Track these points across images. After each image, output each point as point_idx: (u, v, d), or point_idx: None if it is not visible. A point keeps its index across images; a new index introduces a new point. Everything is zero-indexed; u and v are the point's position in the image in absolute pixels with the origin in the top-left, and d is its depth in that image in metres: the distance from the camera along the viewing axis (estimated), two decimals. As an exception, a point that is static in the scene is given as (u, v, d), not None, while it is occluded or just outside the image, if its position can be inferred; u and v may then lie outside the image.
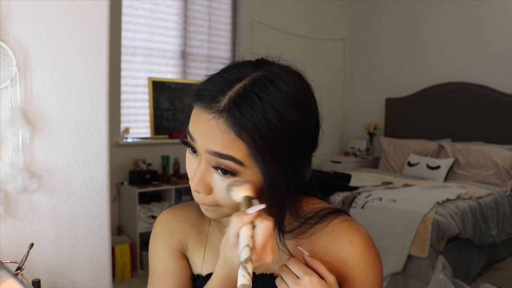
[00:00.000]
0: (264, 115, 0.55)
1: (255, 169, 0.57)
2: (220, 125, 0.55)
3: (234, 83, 0.57)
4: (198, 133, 0.58)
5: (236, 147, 0.55)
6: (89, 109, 1.37)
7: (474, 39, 3.90)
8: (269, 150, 0.55)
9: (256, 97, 0.55)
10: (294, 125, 0.57)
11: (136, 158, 3.26)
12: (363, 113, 4.82)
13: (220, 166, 0.57)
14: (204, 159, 0.58)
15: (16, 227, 1.25)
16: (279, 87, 0.57)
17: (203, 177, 0.59)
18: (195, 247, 0.73)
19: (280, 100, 0.56)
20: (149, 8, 3.43)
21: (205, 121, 0.57)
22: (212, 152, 0.56)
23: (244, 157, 0.56)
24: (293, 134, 0.57)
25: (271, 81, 0.57)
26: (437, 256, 2.48)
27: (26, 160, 1.26)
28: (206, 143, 0.57)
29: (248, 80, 0.57)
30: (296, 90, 0.58)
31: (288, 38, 4.31)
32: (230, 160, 0.56)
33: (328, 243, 0.66)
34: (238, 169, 0.56)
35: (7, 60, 1.20)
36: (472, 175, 3.54)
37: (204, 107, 0.57)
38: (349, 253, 0.65)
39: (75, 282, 1.37)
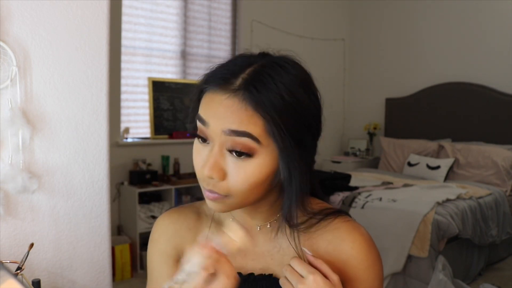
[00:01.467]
0: (278, 92, 0.56)
1: (270, 148, 0.58)
2: (236, 103, 0.56)
3: (245, 67, 0.59)
4: (212, 115, 0.57)
5: (253, 123, 0.56)
6: (89, 109, 1.37)
7: (474, 39, 3.90)
8: (284, 125, 0.56)
9: (269, 77, 0.57)
10: (304, 104, 0.59)
11: (136, 158, 3.26)
12: (363, 113, 4.82)
13: (236, 147, 0.56)
14: (218, 144, 0.58)
15: (16, 227, 1.25)
16: (287, 70, 0.59)
17: (217, 161, 0.58)
18: None
19: (291, 80, 0.58)
20: (149, 8, 3.43)
21: (220, 101, 0.57)
22: (229, 131, 0.56)
23: (261, 133, 0.56)
24: (304, 113, 0.59)
25: (280, 64, 0.59)
26: (437, 256, 2.48)
27: (26, 160, 1.26)
28: (221, 124, 0.56)
29: (258, 64, 0.59)
30: (302, 73, 0.62)
31: (288, 38, 4.31)
32: (247, 137, 0.56)
33: (329, 243, 0.66)
34: (255, 147, 0.56)
35: (7, 60, 1.20)
36: (472, 175, 3.54)
37: (219, 88, 0.58)
38: (351, 253, 0.65)
39: (75, 282, 1.37)
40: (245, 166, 0.57)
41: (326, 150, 4.82)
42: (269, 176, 0.59)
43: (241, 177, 0.57)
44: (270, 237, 0.69)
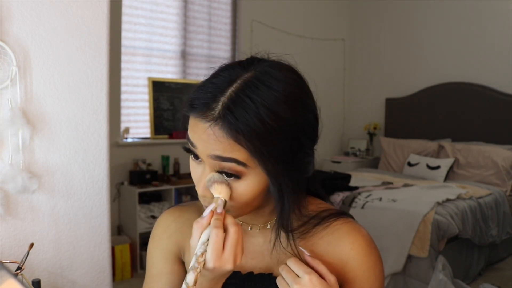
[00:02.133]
0: (258, 116, 0.54)
1: (259, 168, 0.57)
2: (217, 133, 0.55)
3: (226, 87, 0.56)
4: (198, 140, 0.58)
5: (237, 150, 0.55)
6: (89, 109, 1.37)
7: (474, 39, 3.90)
8: (268, 151, 0.55)
9: (249, 99, 0.55)
10: (290, 122, 0.57)
11: (136, 158, 3.26)
12: (363, 113, 4.82)
13: (224, 169, 0.57)
14: (208, 165, 0.58)
15: (16, 227, 1.25)
16: (270, 86, 0.56)
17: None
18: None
19: (273, 99, 0.56)
20: (149, 8, 3.43)
21: (203, 130, 0.57)
22: (214, 156, 0.56)
23: (246, 158, 0.56)
24: (290, 131, 0.57)
25: (262, 81, 0.57)
26: (437, 256, 2.48)
27: (26, 160, 1.26)
28: (207, 149, 0.57)
29: (239, 82, 0.56)
30: (288, 87, 0.58)
31: (288, 38, 4.31)
32: (233, 162, 0.56)
33: (329, 244, 0.66)
34: (242, 170, 0.57)
35: (7, 60, 1.20)
36: (472, 175, 3.54)
37: (199, 116, 0.57)
38: (350, 254, 0.65)
39: (75, 282, 1.37)
40: (236, 187, 0.58)
41: (326, 150, 4.82)
42: (261, 192, 0.60)
43: (233, 196, 0.58)
44: (269, 237, 0.69)
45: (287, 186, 0.59)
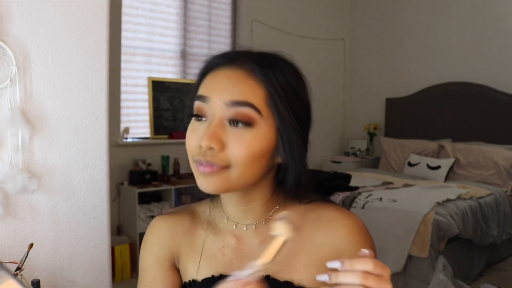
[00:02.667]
0: (281, 71, 0.61)
1: (270, 121, 0.60)
2: (240, 75, 0.60)
3: (249, 51, 0.64)
4: (215, 90, 0.60)
5: (255, 93, 0.59)
6: (89, 109, 1.37)
7: (474, 39, 3.90)
8: (285, 98, 0.60)
9: (273, 58, 0.63)
10: (301, 89, 0.64)
11: (136, 158, 3.26)
12: (363, 113, 4.82)
13: (237, 117, 0.58)
14: (218, 116, 0.59)
15: (16, 227, 1.25)
16: (286, 59, 0.65)
17: (216, 131, 0.59)
18: (189, 254, 0.71)
19: (290, 67, 0.64)
20: (149, 8, 3.42)
21: (224, 75, 0.61)
22: (230, 102, 0.58)
23: (262, 104, 0.59)
24: (301, 96, 0.64)
25: (279, 54, 0.65)
26: (437, 256, 2.47)
27: (26, 160, 1.25)
28: (223, 96, 0.59)
29: (260, 51, 0.65)
30: (297, 67, 0.66)
31: (288, 38, 4.31)
32: (249, 107, 0.58)
33: (325, 235, 0.67)
34: (255, 117, 0.59)
35: (6, 60, 1.20)
36: (472, 175, 3.54)
37: (223, 65, 0.62)
38: (347, 240, 0.66)
39: (74, 282, 1.37)
40: (245, 136, 0.59)
41: (326, 150, 4.82)
42: (268, 151, 0.61)
43: (241, 147, 0.58)
44: (265, 237, 0.68)
45: (296, 142, 0.62)
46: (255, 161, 0.60)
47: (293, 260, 0.66)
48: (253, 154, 0.59)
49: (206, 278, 0.68)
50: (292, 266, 0.66)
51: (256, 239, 0.68)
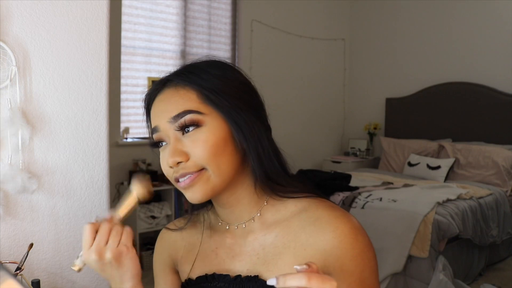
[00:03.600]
0: (203, 68, 0.66)
1: (214, 114, 0.63)
2: (169, 93, 0.65)
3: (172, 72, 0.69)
4: (157, 117, 0.66)
5: (188, 99, 0.63)
6: (89, 109, 1.37)
7: (474, 39, 3.90)
8: (216, 89, 0.64)
9: (192, 64, 0.68)
10: (228, 73, 0.67)
11: (136, 158, 3.26)
12: (363, 113, 4.82)
13: (184, 125, 0.63)
14: (171, 135, 0.64)
15: (16, 227, 1.25)
16: (207, 60, 0.70)
17: (175, 147, 0.63)
18: (186, 257, 0.76)
19: (211, 61, 0.69)
20: (149, 8, 3.42)
21: (158, 101, 0.66)
22: (171, 118, 0.63)
23: (198, 105, 0.63)
24: (231, 78, 0.67)
25: (199, 60, 0.70)
26: (437, 256, 2.47)
27: (26, 160, 1.25)
28: (164, 118, 0.64)
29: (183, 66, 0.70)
30: (219, 60, 0.70)
31: (288, 38, 4.31)
32: (188, 113, 0.62)
33: (310, 235, 0.64)
34: (199, 118, 0.63)
35: (6, 60, 1.20)
36: (472, 175, 3.54)
37: (156, 93, 0.68)
38: (333, 243, 0.62)
39: (74, 282, 1.37)
40: (199, 136, 0.62)
41: (326, 150, 4.82)
42: (227, 139, 0.63)
43: (199, 145, 0.62)
44: (255, 235, 0.69)
45: (245, 121, 0.64)
46: (220, 152, 0.63)
47: (279, 260, 0.65)
48: (214, 146, 0.62)
49: (200, 276, 0.71)
50: (278, 266, 0.65)
51: (247, 237, 0.70)
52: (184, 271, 0.75)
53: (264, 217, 0.69)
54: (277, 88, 4.12)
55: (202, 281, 0.70)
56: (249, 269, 0.68)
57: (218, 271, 0.69)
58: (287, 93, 4.27)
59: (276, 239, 0.67)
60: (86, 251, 0.64)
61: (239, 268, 0.69)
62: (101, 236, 0.64)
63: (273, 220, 0.68)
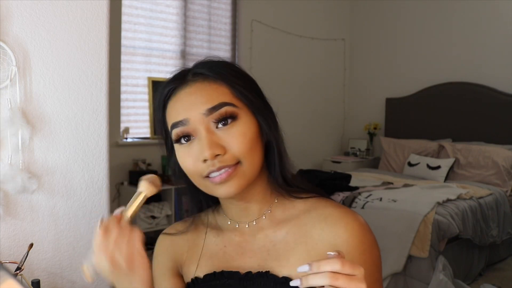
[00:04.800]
0: (225, 65, 0.67)
1: (246, 109, 0.64)
2: (199, 86, 0.64)
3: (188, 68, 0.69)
4: (185, 111, 0.63)
5: (222, 92, 0.63)
6: (89, 109, 1.37)
7: (474, 39, 3.90)
8: (245, 86, 0.65)
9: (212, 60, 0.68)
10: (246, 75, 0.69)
11: (136, 158, 3.26)
12: (363, 113, 4.82)
13: (221, 116, 0.62)
14: (203, 128, 0.62)
15: (16, 227, 1.25)
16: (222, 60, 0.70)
17: (211, 139, 0.61)
18: (191, 258, 0.74)
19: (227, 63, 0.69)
20: (149, 8, 3.42)
21: (186, 95, 0.64)
22: (207, 110, 0.62)
23: (231, 98, 0.63)
24: (252, 80, 0.69)
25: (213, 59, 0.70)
26: (437, 256, 2.47)
27: (26, 160, 1.25)
28: (197, 110, 0.62)
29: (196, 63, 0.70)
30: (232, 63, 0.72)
31: (288, 38, 4.31)
32: (224, 106, 0.62)
33: (322, 231, 0.66)
34: (234, 110, 0.63)
35: (6, 60, 1.20)
36: (472, 175, 3.54)
37: (178, 88, 0.65)
38: (344, 238, 0.65)
39: (74, 282, 1.37)
40: (236, 130, 0.62)
41: (326, 150, 4.82)
42: (257, 133, 0.65)
43: (239, 139, 0.62)
44: (266, 232, 0.69)
45: (270, 117, 0.67)
46: (254, 147, 0.64)
47: (291, 256, 0.66)
48: (251, 141, 0.63)
49: (207, 274, 0.70)
50: (289, 262, 0.66)
51: (256, 234, 0.70)
52: (189, 271, 0.73)
53: (274, 214, 0.70)
54: (277, 88, 4.12)
55: (210, 279, 0.69)
56: (260, 265, 0.68)
57: (227, 268, 0.69)
58: (287, 93, 4.27)
59: (287, 236, 0.68)
60: (98, 256, 0.61)
61: (249, 265, 0.68)
62: (113, 240, 0.61)
63: (282, 218, 0.70)
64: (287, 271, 0.65)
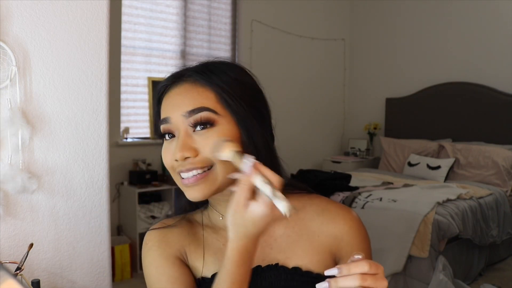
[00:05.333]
0: (223, 70, 0.67)
1: (228, 117, 0.64)
2: (187, 88, 0.66)
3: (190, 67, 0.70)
4: (170, 109, 0.66)
5: (205, 97, 0.64)
6: (89, 109, 1.37)
7: (474, 39, 3.90)
8: (233, 93, 0.65)
9: (212, 63, 0.69)
10: (246, 79, 0.69)
11: (136, 158, 3.26)
12: (363, 113, 4.82)
13: (197, 121, 0.63)
14: (182, 129, 0.64)
15: (16, 227, 1.25)
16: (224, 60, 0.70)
17: (185, 142, 0.63)
18: (195, 253, 0.73)
19: (231, 65, 0.69)
20: (149, 8, 3.42)
21: (175, 93, 0.66)
22: (187, 112, 0.63)
23: (214, 105, 0.64)
24: (249, 86, 0.68)
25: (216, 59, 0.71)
26: (437, 256, 2.47)
27: (26, 160, 1.25)
28: (179, 111, 0.64)
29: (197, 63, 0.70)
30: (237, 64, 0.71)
31: (288, 38, 4.31)
32: (204, 111, 0.63)
33: (321, 224, 0.71)
34: (214, 117, 0.63)
35: (6, 60, 1.20)
36: (472, 175, 3.54)
37: (171, 86, 0.68)
38: (344, 229, 0.71)
39: (74, 282, 1.37)
40: (211, 135, 0.63)
41: (326, 150, 4.82)
42: (236, 141, 0.64)
43: (210, 143, 0.62)
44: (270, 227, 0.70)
45: (257, 131, 0.65)
46: None
47: (295, 248, 0.70)
48: None
49: (215, 273, 0.67)
50: (295, 253, 0.69)
51: None
52: (195, 268, 0.72)
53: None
54: (277, 88, 4.12)
55: None
56: (265, 259, 0.69)
57: None
58: (287, 93, 4.27)
59: (287, 230, 0.71)
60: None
61: (257, 260, 0.69)
62: None
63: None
64: (295, 262, 0.68)
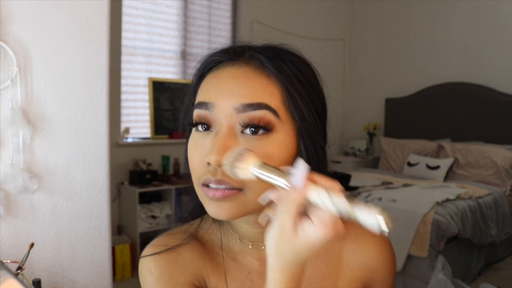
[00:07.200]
0: (293, 61, 0.52)
1: (289, 126, 0.50)
2: (248, 73, 0.50)
3: (252, 45, 0.56)
4: (219, 94, 0.49)
5: (269, 93, 0.49)
6: (89, 109, 1.38)
7: (474, 39, 3.90)
8: (305, 95, 0.50)
9: (278, 48, 0.54)
10: (315, 80, 0.56)
11: (136, 158, 3.26)
12: (363, 113, 4.82)
13: (253, 122, 0.47)
14: (226, 125, 0.48)
15: (17, 227, 1.26)
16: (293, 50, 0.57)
17: (226, 143, 0.47)
18: (217, 282, 0.59)
19: (300, 57, 0.55)
20: (149, 8, 3.43)
21: (228, 75, 0.50)
22: (242, 106, 0.47)
23: (278, 106, 0.49)
24: (317, 88, 0.56)
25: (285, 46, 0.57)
26: (436, 256, 2.48)
27: (27, 160, 1.26)
28: (232, 100, 0.48)
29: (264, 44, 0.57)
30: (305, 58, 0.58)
31: (288, 38, 4.29)
32: (264, 109, 0.48)
33: (355, 254, 0.62)
34: (273, 121, 0.48)
35: (7, 60, 1.20)
36: (471, 175, 3.54)
37: (224, 63, 0.52)
38: (379, 260, 0.63)
39: (75, 282, 1.37)
40: (262, 146, 0.48)
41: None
42: (287, 161, 0.49)
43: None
44: None
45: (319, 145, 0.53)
46: None
47: (328, 284, 0.60)
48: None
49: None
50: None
51: None
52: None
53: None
54: (277, 88, 4.13)
55: None
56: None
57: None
58: (287, 93, 4.28)
59: (316, 259, 0.60)
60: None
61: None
62: None
63: None
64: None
